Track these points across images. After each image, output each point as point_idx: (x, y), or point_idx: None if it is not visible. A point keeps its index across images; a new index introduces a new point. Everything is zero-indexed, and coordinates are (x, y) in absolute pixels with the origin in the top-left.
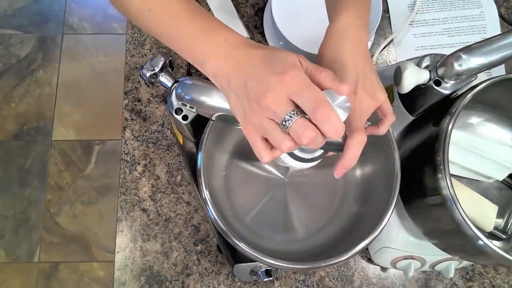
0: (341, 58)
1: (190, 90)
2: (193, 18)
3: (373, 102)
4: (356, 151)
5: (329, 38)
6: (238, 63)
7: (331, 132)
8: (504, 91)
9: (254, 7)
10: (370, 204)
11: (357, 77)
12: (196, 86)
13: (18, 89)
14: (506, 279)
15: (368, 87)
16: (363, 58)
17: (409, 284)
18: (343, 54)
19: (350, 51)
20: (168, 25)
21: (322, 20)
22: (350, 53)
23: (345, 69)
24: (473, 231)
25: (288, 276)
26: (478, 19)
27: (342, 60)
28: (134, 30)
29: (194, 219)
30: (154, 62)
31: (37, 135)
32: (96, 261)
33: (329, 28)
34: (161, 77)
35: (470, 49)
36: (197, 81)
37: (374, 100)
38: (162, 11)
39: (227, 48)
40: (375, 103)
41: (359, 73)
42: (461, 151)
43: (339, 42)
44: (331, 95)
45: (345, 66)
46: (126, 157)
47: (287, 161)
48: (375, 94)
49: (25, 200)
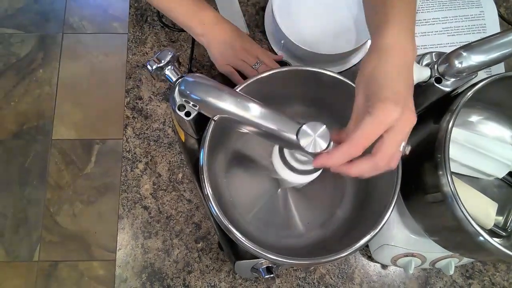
0: (383, 75)
1: (194, 87)
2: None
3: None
4: (343, 157)
5: (372, 55)
6: (224, 30)
7: (271, 64)
8: (503, 89)
9: (255, 6)
10: (371, 201)
11: (397, 93)
12: (200, 84)
13: (18, 88)
14: (505, 276)
15: (410, 105)
16: (406, 79)
17: (409, 281)
18: (385, 72)
19: (393, 69)
20: (171, 2)
21: (323, 19)
22: (392, 72)
23: (385, 88)
24: (474, 227)
25: (289, 274)
26: (478, 19)
27: (384, 78)
28: (135, 29)
29: (195, 216)
30: (162, 55)
31: (37, 134)
32: (96, 260)
33: (373, 45)
34: (167, 70)
35: (470, 47)
36: (201, 79)
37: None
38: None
39: (216, 20)
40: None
41: (400, 93)
42: (461, 149)
43: (383, 58)
44: (313, 126)
45: (385, 86)
46: (128, 155)
47: (288, 178)
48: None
49: (25, 199)
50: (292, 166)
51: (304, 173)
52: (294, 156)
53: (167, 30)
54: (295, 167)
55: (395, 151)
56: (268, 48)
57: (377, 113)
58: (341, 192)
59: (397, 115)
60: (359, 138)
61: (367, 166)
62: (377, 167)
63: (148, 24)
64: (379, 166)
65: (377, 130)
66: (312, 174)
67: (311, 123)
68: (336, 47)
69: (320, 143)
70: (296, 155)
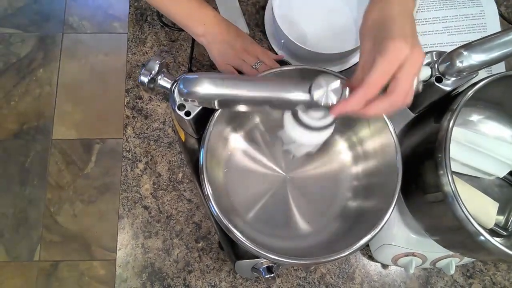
0: (389, 19)
1: (193, 83)
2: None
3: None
4: (360, 101)
5: (374, 4)
6: (224, 30)
7: (271, 63)
8: (504, 88)
9: (255, 5)
10: (371, 201)
11: (405, 33)
12: (199, 78)
13: (18, 88)
14: (506, 276)
15: (417, 43)
16: (411, 22)
17: (410, 281)
18: (391, 16)
19: (397, 14)
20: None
21: (323, 19)
22: (397, 16)
23: (393, 29)
24: (474, 227)
25: (289, 273)
26: (478, 18)
27: (390, 22)
28: (135, 28)
29: (195, 216)
30: (149, 66)
31: (37, 134)
32: (96, 260)
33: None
34: (159, 80)
35: (471, 46)
36: (199, 74)
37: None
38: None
39: (216, 19)
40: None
41: (407, 33)
42: (462, 148)
43: (387, 6)
44: (328, 78)
45: (393, 27)
46: (128, 155)
47: (302, 139)
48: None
49: (25, 199)
50: (306, 123)
51: (319, 129)
52: (308, 114)
53: (167, 30)
54: (310, 124)
55: (409, 87)
56: (268, 47)
57: (388, 52)
58: (341, 192)
59: (408, 52)
60: (375, 79)
61: (384, 105)
62: (394, 105)
63: (148, 23)
64: (396, 104)
65: (391, 68)
66: (326, 130)
67: (322, 76)
68: (336, 46)
69: (334, 93)
70: (310, 112)
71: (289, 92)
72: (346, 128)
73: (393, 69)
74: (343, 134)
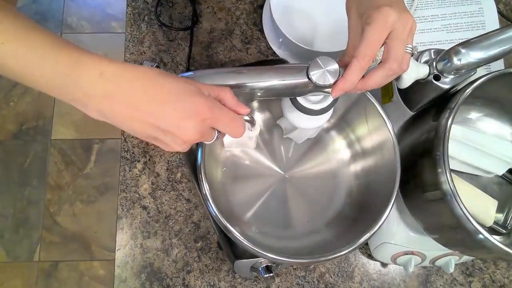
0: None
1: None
2: (59, 50)
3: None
4: (356, 74)
5: None
6: (133, 101)
7: (237, 134)
8: (503, 85)
9: (253, 4)
10: (370, 199)
11: (391, 2)
12: (195, 76)
13: (17, 88)
14: (506, 274)
15: (404, 7)
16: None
17: (409, 279)
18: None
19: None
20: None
21: (321, 17)
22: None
23: (376, 0)
24: (473, 225)
25: (288, 272)
26: (477, 15)
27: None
28: (133, 28)
29: (194, 216)
30: None
31: (37, 135)
32: (96, 260)
33: None
34: None
35: (469, 44)
36: (194, 71)
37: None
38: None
39: (106, 85)
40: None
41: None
42: (461, 146)
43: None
44: (324, 60)
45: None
46: (126, 155)
47: (302, 124)
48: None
49: (25, 200)
50: (306, 107)
51: (319, 112)
52: (306, 98)
53: (164, 29)
54: (309, 108)
55: (402, 52)
56: (266, 46)
57: (376, 20)
58: (340, 190)
59: (395, 17)
60: (366, 49)
61: (381, 75)
62: (391, 72)
63: (145, 23)
64: (393, 71)
65: (380, 36)
66: (325, 113)
67: (318, 58)
68: (334, 45)
69: (331, 74)
70: (309, 97)
71: (286, 77)
72: (344, 126)
73: (383, 37)
74: (341, 132)
